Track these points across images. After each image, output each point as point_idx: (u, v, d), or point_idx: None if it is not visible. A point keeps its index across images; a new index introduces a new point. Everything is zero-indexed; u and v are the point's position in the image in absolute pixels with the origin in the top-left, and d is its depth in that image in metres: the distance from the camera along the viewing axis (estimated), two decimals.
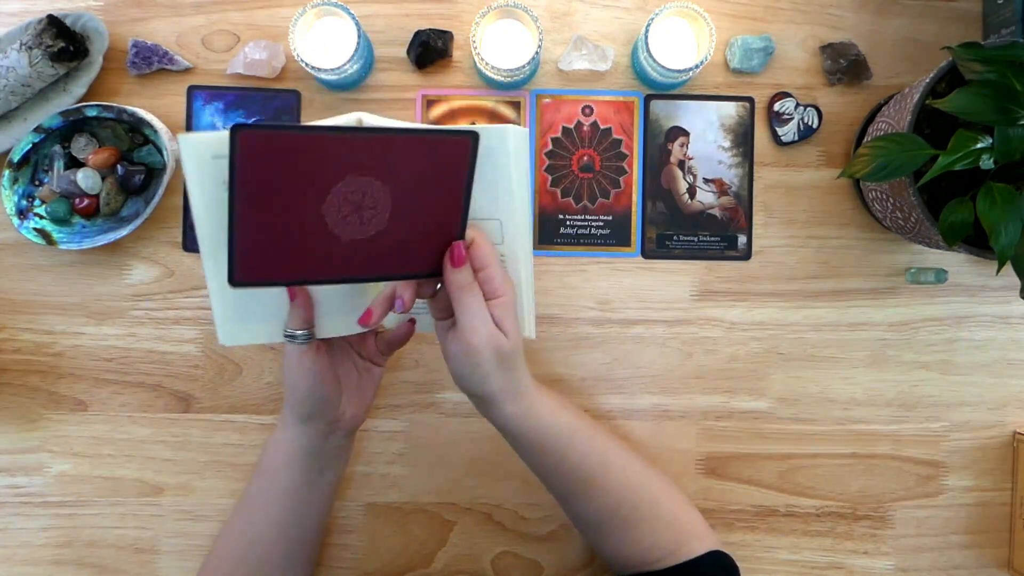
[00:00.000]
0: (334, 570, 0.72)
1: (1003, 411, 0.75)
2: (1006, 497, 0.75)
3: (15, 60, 0.67)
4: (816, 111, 0.73)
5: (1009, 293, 0.74)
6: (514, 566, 0.73)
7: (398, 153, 0.48)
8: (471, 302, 0.53)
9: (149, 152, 0.71)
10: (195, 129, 0.72)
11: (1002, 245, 0.55)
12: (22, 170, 0.69)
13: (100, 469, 0.72)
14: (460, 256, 0.53)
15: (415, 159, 0.49)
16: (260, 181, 0.46)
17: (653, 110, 0.74)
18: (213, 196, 0.53)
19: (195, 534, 0.72)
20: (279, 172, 0.46)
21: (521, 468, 0.70)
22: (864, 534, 0.74)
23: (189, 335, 0.72)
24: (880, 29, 0.74)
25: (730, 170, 0.74)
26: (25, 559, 0.71)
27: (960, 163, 0.56)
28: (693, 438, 0.74)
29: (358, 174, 0.48)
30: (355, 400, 0.65)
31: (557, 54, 0.73)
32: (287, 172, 0.46)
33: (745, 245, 0.74)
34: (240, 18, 0.73)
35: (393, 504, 0.73)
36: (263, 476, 0.63)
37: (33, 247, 0.72)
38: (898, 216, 0.66)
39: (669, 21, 0.69)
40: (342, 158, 0.47)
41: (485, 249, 0.54)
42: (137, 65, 0.71)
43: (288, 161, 0.46)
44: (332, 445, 0.64)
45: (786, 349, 0.74)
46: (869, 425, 0.74)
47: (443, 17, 0.73)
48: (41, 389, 0.72)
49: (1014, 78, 0.55)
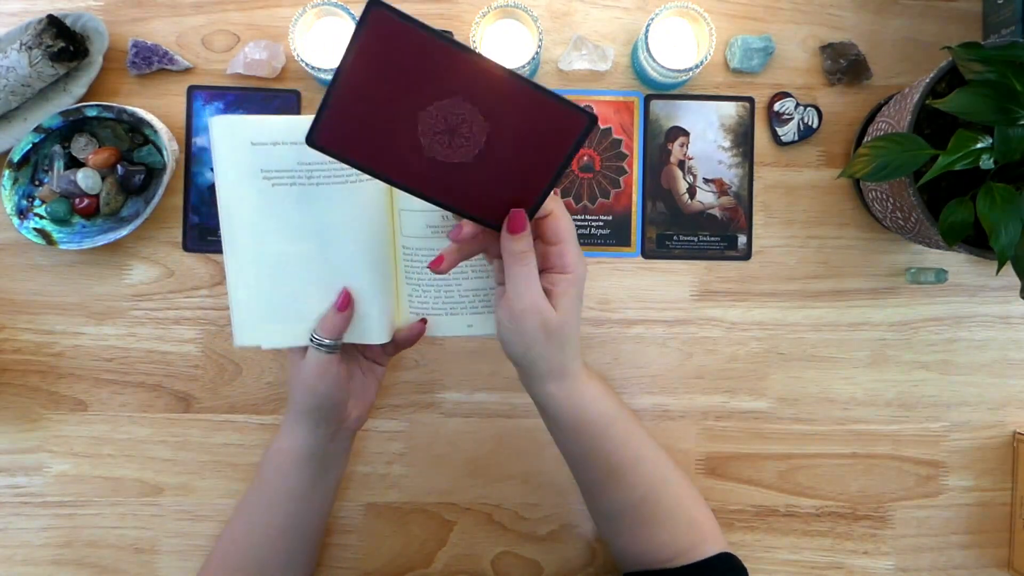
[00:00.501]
0: (334, 570, 0.72)
1: (1003, 411, 0.75)
2: (1006, 497, 0.75)
3: (15, 60, 0.67)
4: (816, 111, 0.73)
5: (1009, 293, 0.74)
6: (514, 566, 0.73)
7: (513, 100, 0.47)
8: (520, 271, 0.52)
9: (149, 152, 0.71)
10: (195, 129, 0.72)
11: (1002, 245, 0.55)
12: (22, 170, 0.69)
13: (100, 469, 0.72)
14: (518, 224, 0.51)
15: (526, 114, 0.47)
16: (376, 62, 0.45)
17: (653, 110, 0.74)
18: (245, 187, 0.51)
19: (195, 534, 0.72)
20: (397, 62, 0.45)
21: (521, 468, 0.70)
22: (864, 534, 0.74)
23: (189, 335, 0.72)
24: (880, 29, 0.74)
25: (730, 170, 0.74)
26: (25, 559, 0.71)
27: (960, 163, 0.56)
28: (693, 438, 0.74)
29: (465, 100, 0.46)
30: (360, 401, 0.65)
31: (557, 54, 0.73)
32: (404, 65, 0.45)
33: (745, 245, 0.74)
34: (240, 18, 0.73)
35: (393, 504, 0.73)
36: (266, 479, 0.63)
37: (33, 247, 0.72)
38: (898, 216, 0.66)
39: (669, 21, 0.69)
40: (458, 77, 0.46)
41: (562, 223, 0.53)
42: (137, 65, 0.71)
43: (409, 55, 0.44)
44: (336, 446, 0.64)
45: (786, 349, 0.74)
46: (869, 425, 0.74)
47: (443, 17, 0.73)
48: (41, 389, 0.72)
49: (1014, 78, 0.55)
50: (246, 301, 0.56)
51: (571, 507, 0.73)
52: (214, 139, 0.50)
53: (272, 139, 0.52)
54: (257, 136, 0.51)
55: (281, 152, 0.53)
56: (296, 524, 0.63)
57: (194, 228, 0.72)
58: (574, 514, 0.73)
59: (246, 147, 0.50)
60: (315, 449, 0.62)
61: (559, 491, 0.73)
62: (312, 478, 0.63)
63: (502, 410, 0.73)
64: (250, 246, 0.55)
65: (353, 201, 0.55)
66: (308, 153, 0.48)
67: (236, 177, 0.52)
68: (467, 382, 0.73)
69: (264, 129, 0.50)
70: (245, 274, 0.55)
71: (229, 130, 0.51)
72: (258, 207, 0.53)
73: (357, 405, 0.64)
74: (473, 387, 0.73)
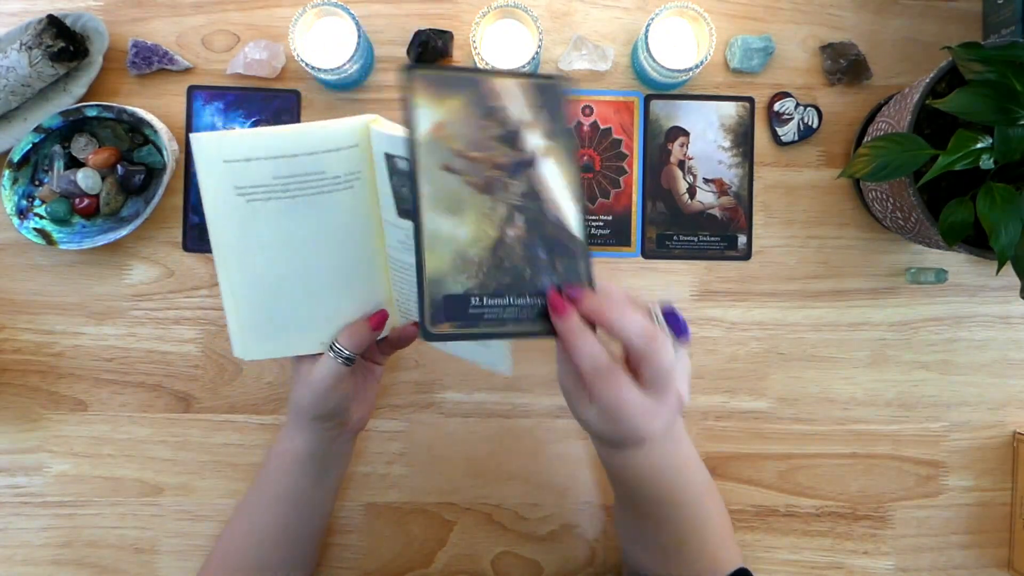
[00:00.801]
0: (334, 570, 0.72)
1: (1003, 411, 0.75)
2: (1006, 497, 0.75)
3: (15, 60, 0.67)
4: (816, 111, 0.73)
5: (1009, 293, 0.74)
6: (514, 566, 0.73)
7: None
8: (605, 388, 0.45)
9: (149, 152, 0.71)
10: (195, 129, 0.72)
11: (1002, 245, 0.55)
12: (22, 170, 0.69)
13: (100, 469, 0.72)
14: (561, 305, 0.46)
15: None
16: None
17: (653, 110, 0.74)
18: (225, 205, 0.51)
19: (195, 534, 0.72)
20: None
21: (521, 468, 0.70)
22: (864, 534, 0.74)
23: (189, 335, 0.72)
24: (880, 29, 0.74)
25: (730, 170, 0.74)
26: (25, 559, 0.71)
27: (960, 163, 0.56)
28: (693, 438, 0.73)
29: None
30: (362, 402, 0.65)
31: (557, 54, 0.73)
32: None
33: (745, 245, 0.74)
34: (240, 18, 0.73)
35: (393, 504, 0.73)
36: (268, 479, 0.63)
37: (33, 247, 0.72)
38: (898, 216, 0.66)
39: (669, 21, 0.69)
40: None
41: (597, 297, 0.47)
42: (137, 65, 0.71)
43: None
44: (338, 448, 0.64)
45: (786, 349, 0.74)
46: (869, 425, 0.74)
47: (443, 17, 0.73)
48: (41, 389, 0.72)
49: (1014, 78, 0.55)
50: (240, 317, 0.56)
51: (571, 507, 0.73)
52: (195, 158, 0.50)
53: (245, 155, 0.51)
54: (230, 154, 0.50)
55: (255, 168, 0.52)
56: (297, 524, 0.63)
57: (194, 228, 0.72)
58: (574, 514, 0.73)
59: (220, 165, 0.50)
60: (317, 451, 0.62)
61: (559, 491, 0.73)
62: (314, 479, 0.63)
63: (502, 410, 0.73)
64: (238, 263, 0.55)
65: (333, 209, 0.54)
66: (283, 167, 0.48)
67: (214, 196, 0.52)
68: (467, 382, 0.73)
69: (237, 146, 0.50)
70: (236, 290, 0.55)
71: (205, 148, 0.50)
72: (238, 224, 0.53)
73: (359, 408, 0.64)
74: (473, 387, 0.73)
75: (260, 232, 0.54)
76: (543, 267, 0.48)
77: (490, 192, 0.47)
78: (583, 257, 0.48)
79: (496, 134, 0.47)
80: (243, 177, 0.52)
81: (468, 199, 0.46)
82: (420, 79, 0.45)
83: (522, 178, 0.47)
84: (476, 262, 0.46)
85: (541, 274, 0.47)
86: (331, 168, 0.53)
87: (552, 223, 0.48)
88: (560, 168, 0.48)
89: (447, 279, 0.46)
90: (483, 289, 0.46)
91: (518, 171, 0.47)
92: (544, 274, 0.47)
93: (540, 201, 0.48)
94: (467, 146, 0.46)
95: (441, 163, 0.46)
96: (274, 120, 0.72)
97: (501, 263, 0.47)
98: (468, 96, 0.47)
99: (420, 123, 0.45)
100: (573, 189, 0.48)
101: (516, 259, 0.47)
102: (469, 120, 0.46)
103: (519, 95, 0.48)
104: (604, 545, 0.73)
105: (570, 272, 0.48)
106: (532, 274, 0.47)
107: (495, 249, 0.47)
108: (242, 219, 0.53)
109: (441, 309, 0.45)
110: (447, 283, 0.46)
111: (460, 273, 0.46)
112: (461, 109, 0.46)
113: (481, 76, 0.47)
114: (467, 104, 0.46)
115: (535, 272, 0.47)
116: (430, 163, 0.45)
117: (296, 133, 0.52)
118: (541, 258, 0.48)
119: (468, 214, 0.46)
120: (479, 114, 0.47)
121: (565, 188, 0.48)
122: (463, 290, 0.46)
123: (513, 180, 0.47)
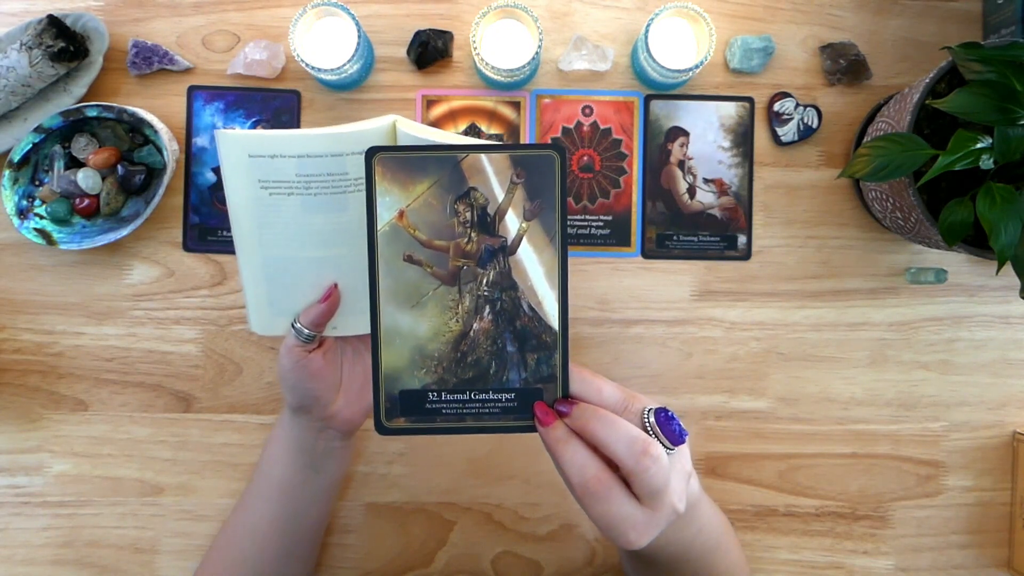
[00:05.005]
0: (334, 570, 0.73)
1: (1003, 411, 0.75)
2: (1006, 497, 0.75)
3: (15, 60, 0.67)
4: (816, 111, 0.73)
5: (1009, 293, 0.74)
6: (514, 566, 0.73)
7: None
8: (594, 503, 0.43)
9: (149, 152, 0.71)
10: (195, 129, 0.72)
11: (1002, 245, 0.55)
12: (22, 170, 0.69)
13: (100, 469, 0.72)
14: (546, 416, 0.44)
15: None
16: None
17: (653, 110, 0.74)
18: (248, 192, 0.54)
19: (195, 534, 0.72)
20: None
21: (521, 468, 0.70)
22: (864, 534, 0.74)
23: (189, 335, 0.72)
24: (880, 29, 0.74)
25: (730, 170, 0.74)
26: (25, 559, 0.71)
27: (960, 163, 0.56)
28: (693, 438, 0.74)
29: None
30: (354, 402, 0.63)
31: (557, 54, 0.73)
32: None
33: (745, 245, 0.74)
34: (240, 18, 0.73)
35: (393, 504, 0.73)
36: (261, 470, 0.64)
37: (33, 247, 0.72)
38: (898, 216, 0.66)
39: (669, 21, 0.69)
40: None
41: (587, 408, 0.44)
42: (137, 65, 0.71)
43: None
44: (325, 444, 0.63)
45: (786, 349, 0.74)
46: (869, 425, 0.74)
47: (443, 17, 0.73)
48: (41, 389, 0.72)
49: (1014, 78, 0.55)
50: (257, 296, 0.59)
51: (571, 507, 0.73)
52: (220, 152, 0.54)
53: (270, 152, 0.54)
54: (255, 149, 0.53)
55: (279, 164, 0.54)
56: (288, 517, 0.63)
57: (194, 228, 0.72)
58: (574, 514, 0.73)
59: (245, 160, 0.53)
60: (300, 440, 0.62)
61: (559, 491, 0.73)
62: (302, 470, 0.62)
63: None
64: (257, 248, 0.57)
65: (352, 208, 0.57)
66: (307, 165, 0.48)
67: (236, 186, 0.55)
68: None
69: (263, 143, 0.52)
70: (254, 273, 0.58)
71: (231, 143, 0.53)
72: (260, 214, 0.56)
73: (350, 406, 0.62)
74: None
75: (280, 222, 0.56)
76: (511, 361, 0.45)
77: (455, 283, 0.44)
78: (558, 349, 0.45)
79: (466, 219, 0.44)
80: (267, 172, 0.55)
81: (430, 291, 0.44)
82: (381, 163, 0.43)
83: (493, 265, 0.45)
84: (436, 357, 0.44)
85: (509, 369, 0.45)
86: (354, 170, 0.54)
87: (526, 313, 0.45)
88: (538, 253, 0.45)
89: (403, 375, 0.44)
90: (442, 385, 0.45)
91: (488, 259, 0.45)
92: (513, 369, 0.45)
93: (513, 290, 0.45)
94: (432, 234, 0.44)
95: (402, 253, 0.44)
96: (274, 120, 0.72)
97: (464, 358, 0.45)
98: (437, 177, 0.44)
99: (380, 213, 0.43)
100: (553, 274, 0.45)
101: (481, 353, 0.45)
102: (436, 205, 0.44)
103: (496, 172, 0.44)
104: (604, 545, 0.73)
105: (542, 365, 0.45)
106: (498, 369, 0.45)
107: (457, 343, 0.45)
108: (264, 210, 0.56)
109: (397, 404, 0.44)
110: (403, 379, 0.44)
111: (418, 368, 0.44)
112: (428, 193, 0.44)
113: (453, 154, 0.44)
114: (435, 186, 0.44)
115: (501, 367, 0.45)
116: (389, 254, 0.44)
117: (325, 136, 0.54)
118: (509, 352, 0.45)
119: (430, 307, 0.44)
120: (448, 197, 0.44)
121: (543, 275, 0.45)
122: (420, 385, 0.44)
123: (482, 269, 0.45)
